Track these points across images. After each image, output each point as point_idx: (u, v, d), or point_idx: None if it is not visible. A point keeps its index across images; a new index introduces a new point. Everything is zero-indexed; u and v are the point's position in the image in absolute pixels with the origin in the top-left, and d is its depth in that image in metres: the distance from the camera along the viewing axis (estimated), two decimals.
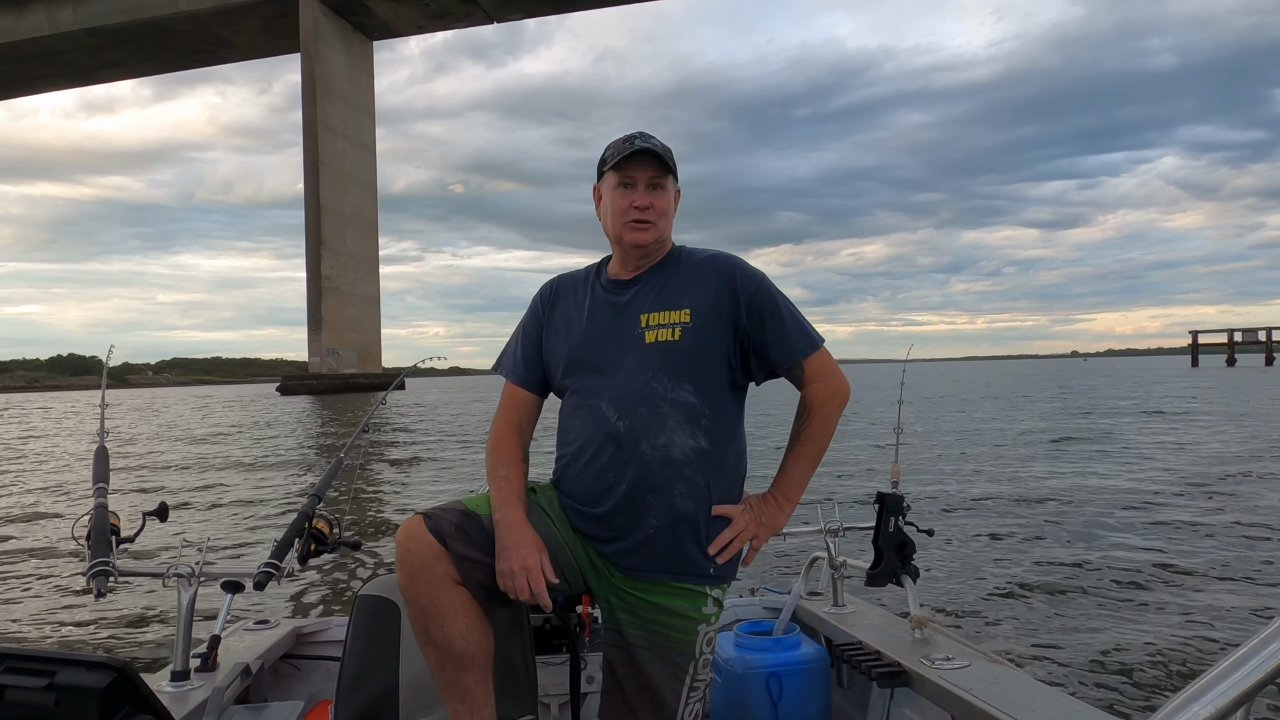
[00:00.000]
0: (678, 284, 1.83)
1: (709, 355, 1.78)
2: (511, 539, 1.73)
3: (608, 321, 1.85)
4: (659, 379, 1.76)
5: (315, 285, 58.81)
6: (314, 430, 25.02)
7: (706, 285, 1.81)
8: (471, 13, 60.55)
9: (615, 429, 1.76)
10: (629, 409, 1.76)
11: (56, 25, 60.23)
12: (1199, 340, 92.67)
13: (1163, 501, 8.75)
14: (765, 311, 1.80)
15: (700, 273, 1.83)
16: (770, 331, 1.79)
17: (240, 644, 2.43)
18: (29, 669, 0.85)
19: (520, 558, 1.70)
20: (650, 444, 1.74)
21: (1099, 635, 4.58)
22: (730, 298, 1.79)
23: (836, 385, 1.83)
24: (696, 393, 1.77)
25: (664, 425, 1.74)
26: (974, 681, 1.96)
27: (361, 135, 65.55)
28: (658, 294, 1.83)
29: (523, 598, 1.71)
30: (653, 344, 1.78)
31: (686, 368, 1.76)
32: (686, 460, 1.75)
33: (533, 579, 1.70)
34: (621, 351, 1.80)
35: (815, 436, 1.83)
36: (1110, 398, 30.92)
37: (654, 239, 1.84)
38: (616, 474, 1.76)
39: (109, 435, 2.38)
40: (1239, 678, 0.76)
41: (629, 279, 1.88)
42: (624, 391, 1.77)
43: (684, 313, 1.79)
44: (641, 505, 1.75)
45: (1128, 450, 13.56)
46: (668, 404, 1.75)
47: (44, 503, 11.06)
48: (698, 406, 1.76)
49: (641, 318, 1.81)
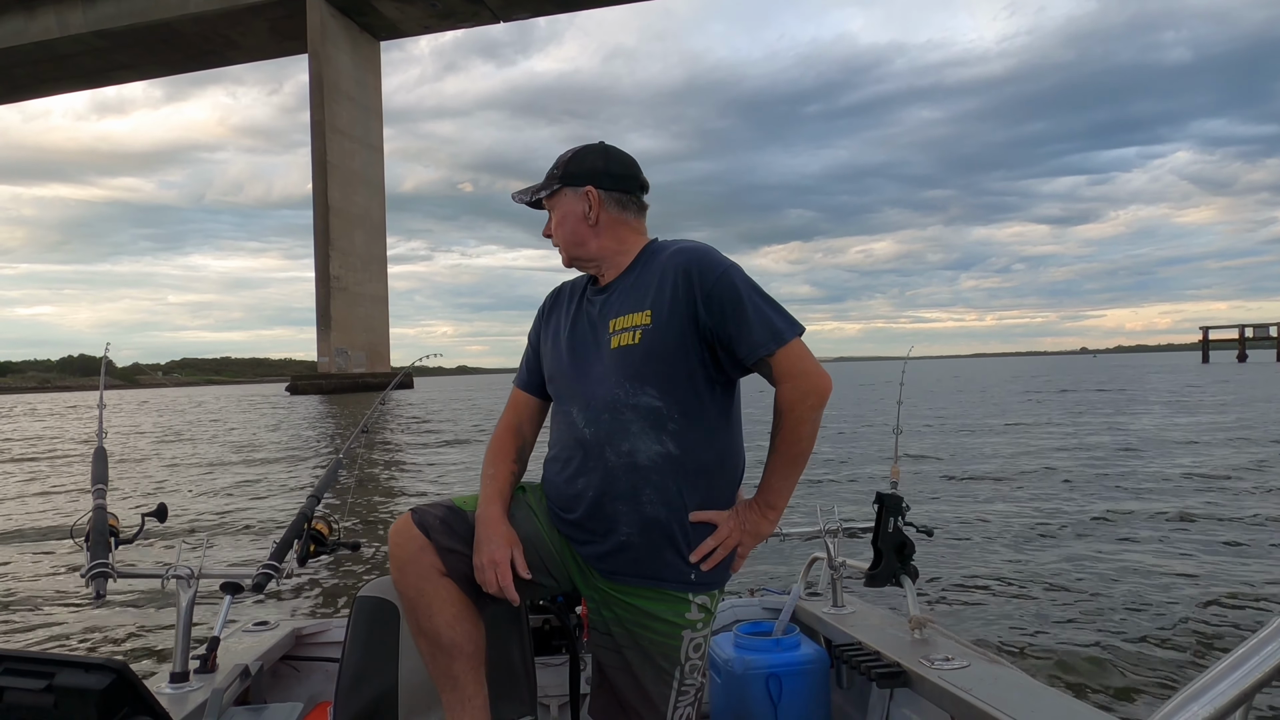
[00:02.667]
0: (644, 283, 1.78)
1: (671, 356, 1.71)
2: (484, 533, 1.76)
3: (584, 330, 1.86)
4: (621, 385, 1.73)
5: (324, 285, 59.05)
6: (321, 429, 25.09)
7: (666, 282, 1.73)
8: (478, 12, 60.65)
9: (582, 435, 1.77)
10: (594, 416, 1.76)
11: (66, 28, 60.62)
12: (1210, 336, 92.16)
13: (1161, 501, 8.70)
14: (726, 304, 1.68)
15: (662, 269, 1.76)
16: (733, 325, 1.67)
17: (239, 645, 2.44)
18: (28, 670, 0.85)
19: (490, 551, 1.73)
20: (614, 450, 1.73)
21: (1099, 635, 4.56)
22: (686, 293, 1.70)
23: (809, 385, 1.68)
24: (661, 396, 1.71)
25: (627, 431, 1.72)
26: (973, 682, 1.95)
27: (369, 136, 65.77)
28: (625, 297, 1.80)
29: (490, 590, 1.73)
30: (616, 349, 1.75)
31: (647, 371, 1.71)
32: (654, 466, 1.71)
33: (500, 573, 1.71)
34: (591, 359, 1.81)
35: (789, 441, 1.71)
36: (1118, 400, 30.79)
37: (567, 260, 1.91)
38: (585, 480, 1.77)
39: (108, 436, 2.39)
40: (1238, 677, 0.75)
41: (603, 285, 1.88)
42: (590, 399, 1.77)
43: (645, 314, 1.73)
44: (610, 512, 1.75)
45: (1127, 451, 13.48)
46: (630, 410, 1.72)
47: (43, 503, 11.12)
48: (663, 410, 1.71)
49: (610, 323, 1.79)
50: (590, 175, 1.85)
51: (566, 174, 1.86)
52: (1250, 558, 6.20)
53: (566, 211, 1.86)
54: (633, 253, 1.86)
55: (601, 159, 1.87)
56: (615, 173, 1.86)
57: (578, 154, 1.87)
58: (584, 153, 1.88)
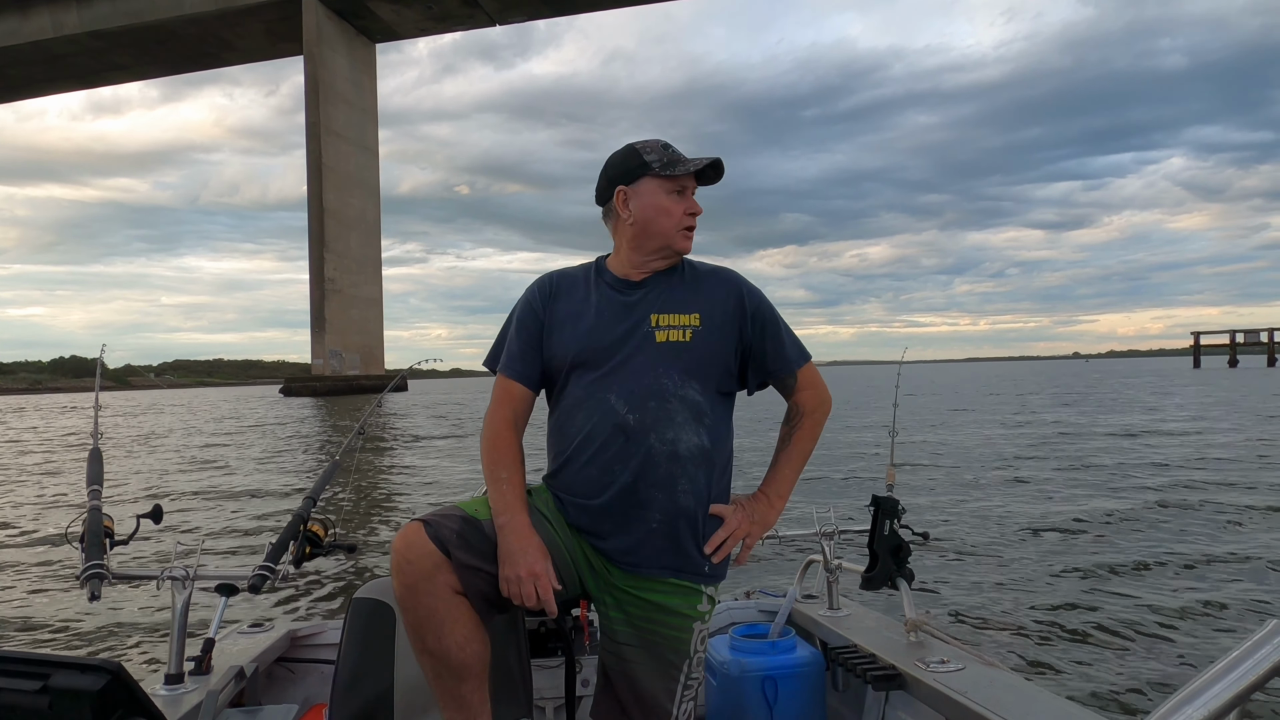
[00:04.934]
0: (686, 290, 1.90)
1: (714, 359, 1.86)
2: (518, 544, 1.70)
3: (617, 318, 1.86)
4: (670, 375, 1.80)
5: (318, 288, 58.87)
6: (315, 431, 25.02)
7: (716, 295, 1.90)
8: (474, 15, 60.59)
9: (625, 421, 1.78)
10: (639, 403, 1.78)
11: (60, 28, 60.38)
12: (1201, 341, 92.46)
13: (1160, 502, 8.73)
14: (766, 324, 1.91)
15: (709, 282, 1.92)
16: (769, 343, 1.91)
17: (235, 647, 2.43)
18: (22, 671, 0.84)
19: (528, 564, 1.69)
20: (659, 437, 1.77)
21: (1094, 636, 4.58)
22: (738, 309, 1.89)
23: (824, 394, 1.97)
24: (702, 392, 1.83)
25: (672, 420, 1.79)
26: (969, 684, 1.96)
27: (364, 138, 65.64)
28: (667, 297, 1.88)
29: (529, 604, 1.70)
30: (664, 343, 1.83)
31: (695, 368, 1.83)
32: (691, 456, 1.79)
33: (540, 585, 1.69)
34: (632, 348, 1.83)
35: (806, 438, 1.95)
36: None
37: (691, 246, 1.95)
38: (622, 465, 1.77)
39: (103, 437, 2.38)
40: (1232, 680, 0.76)
41: (638, 280, 1.90)
42: (634, 386, 1.79)
43: (694, 316, 1.86)
44: (644, 498, 1.77)
45: (1123, 451, 13.53)
46: (677, 400, 1.80)
47: (38, 504, 11.07)
48: (703, 405, 1.83)
49: (651, 317, 1.85)
50: None
51: None
52: (1247, 560, 6.21)
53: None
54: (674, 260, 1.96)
55: None
56: None
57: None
58: None
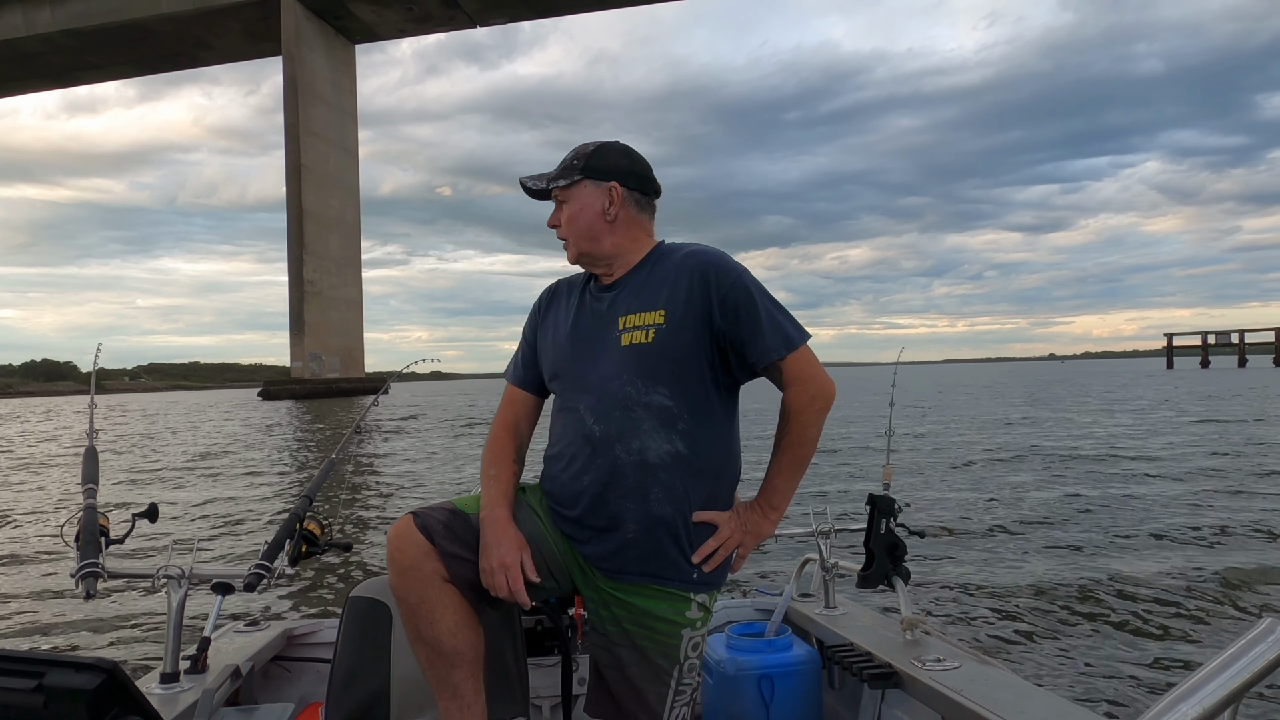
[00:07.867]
0: (656, 283, 1.79)
1: (684, 356, 1.73)
2: (493, 536, 1.73)
3: (590, 326, 1.84)
4: (633, 382, 1.73)
5: (297, 290, 58.45)
6: (302, 432, 24.84)
7: (680, 284, 1.75)
8: (454, 17, 60.39)
9: (591, 432, 1.76)
10: (605, 413, 1.75)
11: (33, 27, 59.60)
12: (1174, 343, 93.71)
13: (1158, 502, 8.80)
14: (741, 309, 1.72)
15: (676, 270, 1.78)
16: (746, 330, 1.72)
17: (230, 646, 2.42)
18: (17, 670, 0.83)
19: (500, 555, 1.71)
20: (624, 448, 1.73)
21: (1090, 636, 4.61)
22: (702, 295, 1.73)
23: (816, 389, 1.74)
24: (672, 395, 1.73)
25: (638, 429, 1.73)
26: (965, 683, 1.97)
27: (344, 139, 65.29)
28: (635, 295, 1.80)
29: (501, 594, 1.71)
30: (628, 347, 1.75)
31: (661, 370, 1.73)
32: (663, 464, 1.73)
33: (510, 576, 1.70)
34: (600, 355, 1.79)
35: (795, 444, 1.77)
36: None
37: (575, 255, 1.87)
38: (591, 477, 1.76)
39: (98, 436, 2.36)
40: (1227, 678, 0.76)
41: (609, 283, 1.87)
42: (600, 395, 1.76)
43: (659, 313, 1.75)
44: (616, 509, 1.74)
45: (1118, 451, 13.65)
46: (642, 408, 1.73)
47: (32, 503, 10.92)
48: (674, 410, 1.73)
49: (620, 320, 1.78)
50: (615, 171, 1.84)
51: (589, 167, 1.83)
52: (1242, 558, 6.26)
53: (584, 205, 1.84)
54: (642, 253, 1.87)
55: (626, 158, 1.87)
56: (638, 173, 1.87)
57: (601, 148, 1.86)
58: (608, 148, 1.87)
